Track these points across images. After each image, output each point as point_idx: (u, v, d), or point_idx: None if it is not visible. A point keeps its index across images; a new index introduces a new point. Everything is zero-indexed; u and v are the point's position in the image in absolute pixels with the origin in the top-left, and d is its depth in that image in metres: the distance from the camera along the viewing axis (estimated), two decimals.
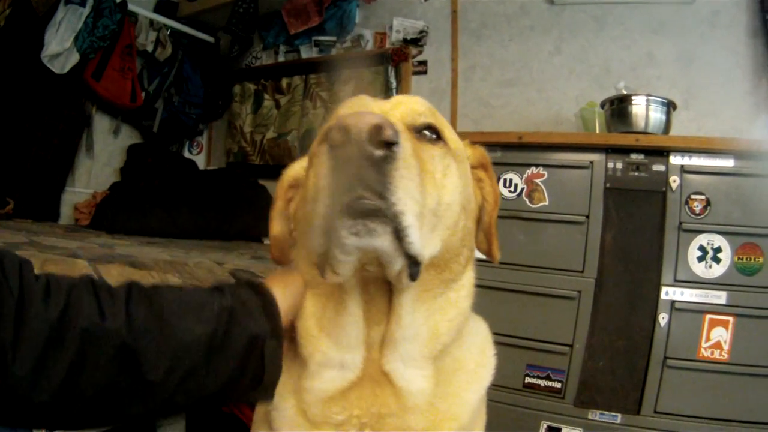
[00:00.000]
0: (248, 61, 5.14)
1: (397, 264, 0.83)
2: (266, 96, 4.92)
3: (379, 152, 0.77)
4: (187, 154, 5.37)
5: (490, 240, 1.18)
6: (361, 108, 0.98)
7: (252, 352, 0.92)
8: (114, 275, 2.18)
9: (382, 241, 0.79)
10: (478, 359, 1.12)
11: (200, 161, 5.40)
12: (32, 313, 0.76)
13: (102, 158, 4.74)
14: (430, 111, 1.03)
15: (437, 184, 0.93)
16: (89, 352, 0.80)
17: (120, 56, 4.32)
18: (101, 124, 4.69)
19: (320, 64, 4.59)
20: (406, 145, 0.82)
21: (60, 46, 3.87)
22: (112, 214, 4.06)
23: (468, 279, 1.07)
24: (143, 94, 4.65)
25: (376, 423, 0.98)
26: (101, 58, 4.21)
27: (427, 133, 0.99)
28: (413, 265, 0.84)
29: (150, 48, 4.59)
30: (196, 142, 5.42)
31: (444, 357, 1.03)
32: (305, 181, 1.03)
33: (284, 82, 4.81)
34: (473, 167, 1.14)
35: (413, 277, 0.86)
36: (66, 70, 3.96)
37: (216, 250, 3.59)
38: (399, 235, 0.79)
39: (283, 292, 1.00)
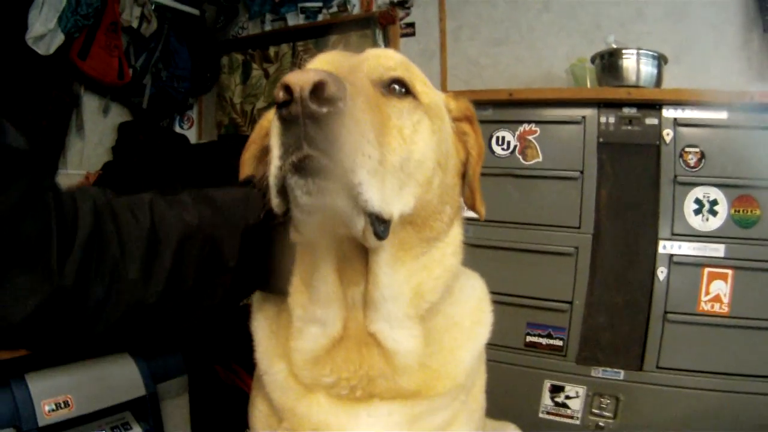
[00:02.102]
0: (235, 31, 5.08)
1: (359, 223, 0.82)
2: (254, 66, 4.86)
3: (323, 109, 0.75)
4: (178, 129, 5.31)
5: (474, 195, 1.15)
6: (331, 63, 0.97)
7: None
8: None
9: (334, 198, 0.77)
10: (474, 317, 1.12)
11: (192, 135, 5.34)
12: (128, 226, 0.94)
13: (93, 138, 4.66)
14: (402, 65, 1.00)
15: (405, 140, 0.91)
16: (184, 248, 0.97)
17: (105, 34, 4.24)
18: (90, 103, 4.61)
19: (307, 30, 4.54)
20: (355, 100, 0.79)
21: (44, 27, 3.80)
22: None
23: (454, 236, 1.06)
24: (131, 71, 4.57)
25: (367, 385, 0.98)
26: (86, 37, 4.13)
27: (396, 87, 0.96)
28: (379, 223, 0.83)
29: (135, 24, 4.49)
30: (186, 116, 5.36)
31: (435, 315, 1.03)
32: None
33: (272, 50, 4.75)
34: (457, 120, 1.12)
35: (379, 235, 0.85)
36: (51, 51, 3.89)
37: None
38: (352, 192, 0.77)
39: None
